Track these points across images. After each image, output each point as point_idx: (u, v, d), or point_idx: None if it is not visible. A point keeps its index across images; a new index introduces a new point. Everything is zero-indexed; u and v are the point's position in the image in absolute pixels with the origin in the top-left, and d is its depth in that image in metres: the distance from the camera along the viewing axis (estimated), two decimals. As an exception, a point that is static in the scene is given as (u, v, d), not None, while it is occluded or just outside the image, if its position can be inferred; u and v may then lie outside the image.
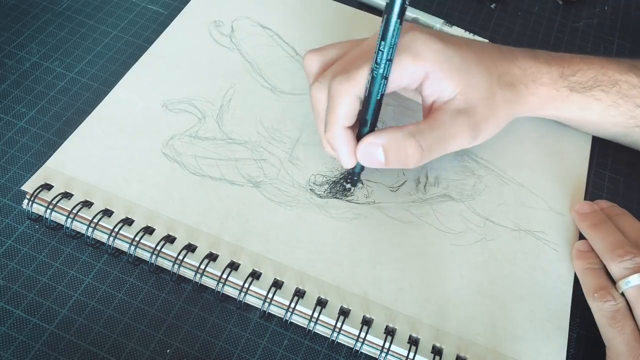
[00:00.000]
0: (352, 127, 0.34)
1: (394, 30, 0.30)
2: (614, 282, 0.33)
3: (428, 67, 0.33)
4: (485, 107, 0.35)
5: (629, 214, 0.37)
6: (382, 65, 0.31)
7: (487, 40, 0.47)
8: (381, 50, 0.31)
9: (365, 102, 0.33)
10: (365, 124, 0.34)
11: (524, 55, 0.38)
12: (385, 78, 0.32)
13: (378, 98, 0.33)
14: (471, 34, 0.48)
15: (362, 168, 0.37)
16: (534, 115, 0.40)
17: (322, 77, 0.35)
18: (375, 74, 0.32)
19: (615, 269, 0.33)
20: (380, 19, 0.32)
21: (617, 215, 0.37)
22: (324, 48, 0.37)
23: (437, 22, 0.49)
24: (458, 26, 0.51)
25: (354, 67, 0.33)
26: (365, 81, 0.32)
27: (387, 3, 0.30)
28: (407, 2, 0.30)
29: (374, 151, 0.33)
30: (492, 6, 0.53)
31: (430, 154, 0.34)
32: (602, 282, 0.34)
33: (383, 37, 0.31)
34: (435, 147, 0.34)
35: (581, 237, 0.38)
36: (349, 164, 0.35)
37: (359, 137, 0.34)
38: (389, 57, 0.31)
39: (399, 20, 0.30)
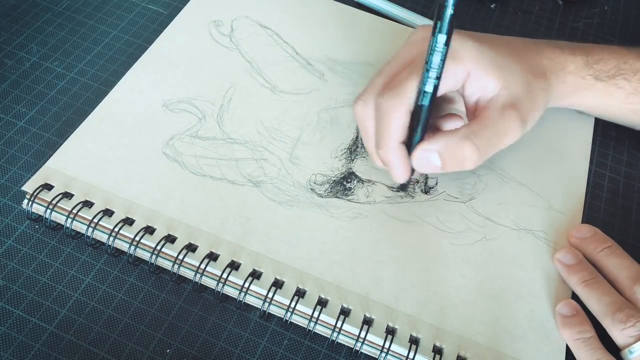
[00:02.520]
0: (403, 142, 0.34)
1: (443, 51, 0.30)
2: (611, 347, 0.32)
3: (469, 66, 0.33)
4: (528, 98, 0.35)
5: (616, 245, 0.35)
6: (432, 82, 0.32)
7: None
8: (434, 69, 0.31)
9: (416, 113, 0.33)
10: (416, 133, 0.34)
11: (548, 45, 0.39)
12: (436, 91, 0.32)
13: (428, 110, 0.33)
14: None
15: (412, 173, 0.36)
16: (559, 104, 0.40)
17: (364, 94, 0.35)
18: (427, 88, 0.32)
19: (617, 336, 0.32)
20: (384, 19, 0.32)
21: (604, 251, 0.35)
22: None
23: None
24: (457, 27, 0.50)
25: (400, 83, 0.33)
26: (414, 95, 0.33)
27: (435, 20, 0.30)
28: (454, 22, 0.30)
29: (429, 157, 0.33)
30: (492, 6, 0.53)
31: (486, 152, 0.34)
32: (599, 356, 0.31)
33: (432, 51, 0.31)
34: (490, 145, 0.34)
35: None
36: (402, 178, 0.35)
37: (409, 146, 0.34)
38: (438, 75, 0.31)
39: (448, 41, 0.30)
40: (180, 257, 0.34)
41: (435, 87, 0.32)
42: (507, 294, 0.35)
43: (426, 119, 0.33)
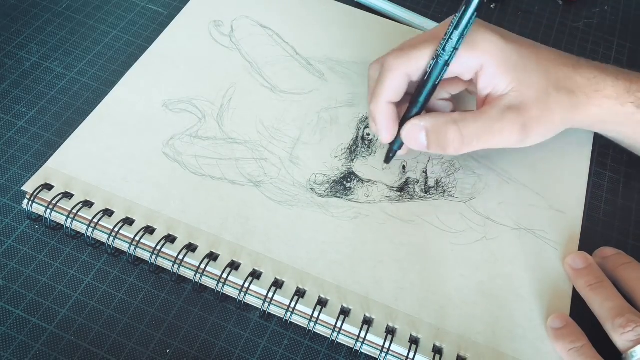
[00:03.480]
0: (398, 105, 0.35)
1: (468, 21, 0.32)
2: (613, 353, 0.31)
3: (483, 59, 0.34)
4: (538, 108, 0.34)
5: (636, 262, 0.34)
6: (448, 53, 0.33)
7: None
8: (451, 39, 0.32)
9: (421, 85, 0.35)
10: (415, 106, 0.35)
11: (589, 65, 0.37)
12: (447, 65, 0.33)
13: (436, 83, 0.34)
14: None
15: (400, 147, 0.37)
16: (593, 129, 0.39)
17: (381, 57, 0.37)
18: (440, 59, 0.33)
19: (618, 340, 0.31)
20: (384, 19, 0.32)
21: (623, 265, 0.34)
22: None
23: (432, 26, 0.49)
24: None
25: (411, 47, 0.35)
26: (420, 62, 0.34)
27: (461, 7, 0.32)
28: None
29: (417, 133, 0.35)
30: (492, 6, 0.53)
31: (471, 143, 0.34)
32: None
33: (457, 26, 0.32)
34: (477, 138, 0.34)
35: (582, 238, 0.38)
36: (385, 138, 0.36)
37: (406, 119, 0.36)
38: (456, 46, 0.33)
39: (475, 13, 0.32)
40: (180, 257, 0.34)
41: (442, 69, 0.33)
42: (507, 294, 0.35)
43: (427, 96, 0.35)
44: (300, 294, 0.34)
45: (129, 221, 0.36)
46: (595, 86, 0.36)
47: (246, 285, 0.34)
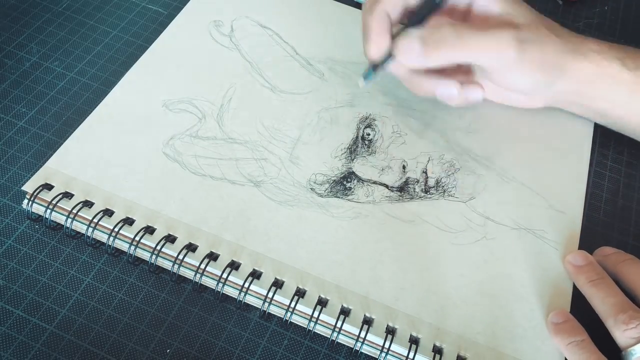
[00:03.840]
0: (389, 18, 0.35)
1: None
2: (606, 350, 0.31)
3: None
4: (532, 32, 0.34)
5: (636, 259, 0.34)
6: None
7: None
8: None
9: (413, 14, 0.35)
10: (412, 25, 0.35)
11: (592, 42, 0.37)
12: None
13: (437, 1, 0.34)
14: None
15: (383, 65, 0.36)
16: (582, 95, 0.38)
17: None
18: None
19: (619, 337, 0.31)
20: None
21: (624, 261, 0.34)
22: None
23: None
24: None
25: None
26: None
27: None
28: None
29: (413, 41, 0.34)
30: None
31: (468, 42, 0.33)
32: (594, 358, 0.31)
33: None
34: (474, 38, 0.33)
35: (582, 238, 0.38)
36: (374, 51, 0.35)
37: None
38: None
39: None
40: (180, 257, 0.34)
41: None
42: (507, 294, 0.35)
43: (421, 16, 0.35)
44: (300, 294, 0.34)
45: (129, 221, 0.36)
46: (578, 37, 0.37)
47: (246, 285, 0.34)
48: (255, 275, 0.34)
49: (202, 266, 0.34)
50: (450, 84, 0.37)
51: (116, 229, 0.35)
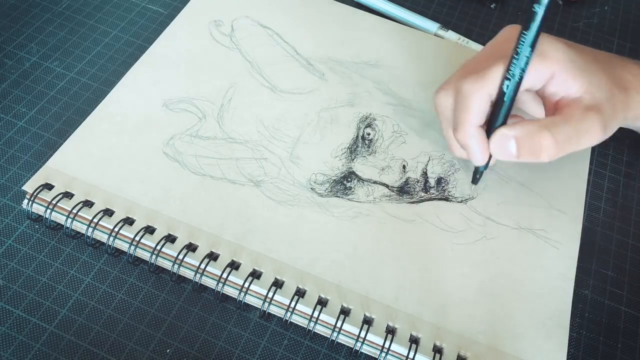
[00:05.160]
0: (482, 127, 0.35)
1: (537, 34, 0.31)
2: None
3: (555, 67, 0.34)
4: (609, 106, 0.35)
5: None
6: (522, 67, 0.32)
7: (482, 46, 0.48)
8: (526, 56, 0.32)
9: (497, 104, 0.34)
10: (497, 120, 0.35)
11: (631, 62, 0.38)
12: (520, 81, 0.33)
13: (510, 98, 0.34)
14: (466, 40, 0.48)
15: (486, 167, 0.37)
16: (635, 124, 0.39)
17: (446, 84, 0.37)
18: (515, 75, 0.33)
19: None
20: (384, 19, 0.32)
21: None
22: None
23: (433, 27, 0.49)
24: (457, 28, 0.51)
25: (484, 67, 0.34)
26: (497, 81, 0.33)
27: (531, 12, 0.31)
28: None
29: (506, 143, 0.34)
30: (492, 6, 0.53)
31: (564, 147, 0.34)
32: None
33: (529, 41, 0.32)
34: (569, 141, 0.34)
35: (582, 237, 0.38)
36: (481, 161, 0.36)
37: (488, 133, 0.35)
38: (527, 62, 0.32)
39: (540, 31, 0.32)
40: (180, 257, 0.34)
41: (520, 78, 0.33)
42: (508, 293, 0.35)
43: (508, 108, 0.34)
44: (300, 293, 0.34)
45: (129, 221, 0.36)
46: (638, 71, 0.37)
47: (246, 285, 0.34)
48: (255, 275, 0.34)
49: (202, 266, 0.34)
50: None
51: (116, 229, 0.35)
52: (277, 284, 0.34)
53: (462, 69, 0.37)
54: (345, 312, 0.33)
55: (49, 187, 0.36)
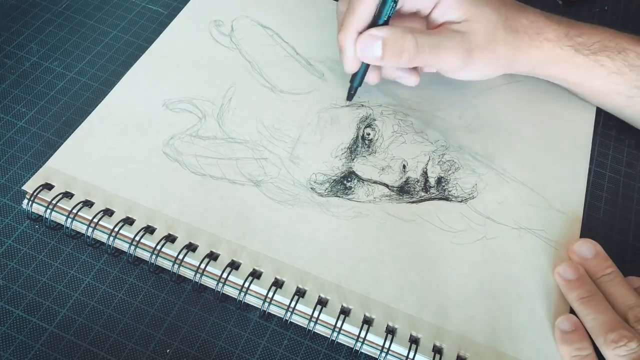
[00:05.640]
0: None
1: None
2: None
3: None
4: (484, 39, 0.37)
5: (616, 272, 0.34)
6: None
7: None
8: None
9: (379, 11, 0.37)
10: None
11: (535, 11, 0.40)
12: (395, 2, 0.36)
13: (388, 9, 0.36)
14: None
15: (360, 83, 0.39)
16: (535, 73, 0.41)
17: None
18: None
19: (609, 355, 0.31)
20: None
21: (605, 277, 0.34)
22: None
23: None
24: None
25: None
26: None
27: None
28: None
29: (372, 43, 0.36)
30: None
31: (423, 55, 0.36)
32: None
33: None
34: (429, 51, 0.36)
35: (582, 237, 0.38)
36: (351, 66, 0.38)
37: None
38: None
39: None
40: (180, 257, 0.34)
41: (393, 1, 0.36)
42: (508, 294, 0.35)
43: (388, 14, 0.36)
44: (300, 293, 0.34)
45: (129, 221, 0.36)
46: (537, 29, 0.39)
47: (246, 285, 0.34)
48: (255, 275, 0.34)
49: (202, 266, 0.34)
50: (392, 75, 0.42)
51: (116, 229, 0.35)
52: (277, 284, 0.34)
53: None
54: (345, 312, 0.33)
55: (49, 187, 0.36)
